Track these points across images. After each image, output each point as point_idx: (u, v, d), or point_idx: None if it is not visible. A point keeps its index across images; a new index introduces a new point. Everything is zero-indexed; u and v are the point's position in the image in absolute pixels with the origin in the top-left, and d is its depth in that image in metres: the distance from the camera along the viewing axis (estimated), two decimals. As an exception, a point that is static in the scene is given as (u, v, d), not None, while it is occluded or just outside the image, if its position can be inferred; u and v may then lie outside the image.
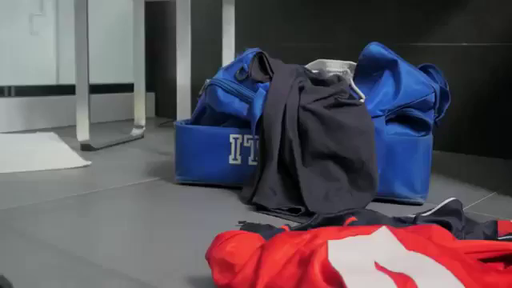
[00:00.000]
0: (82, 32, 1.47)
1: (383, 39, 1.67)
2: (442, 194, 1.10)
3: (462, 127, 1.58)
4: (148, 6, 2.26)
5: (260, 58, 1.09)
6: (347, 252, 0.55)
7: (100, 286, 0.64)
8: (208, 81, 1.11)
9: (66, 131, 1.87)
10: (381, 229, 0.60)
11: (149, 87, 2.32)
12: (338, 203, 0.93)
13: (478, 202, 1.05)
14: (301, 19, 1.85)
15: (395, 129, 1.03)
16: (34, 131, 1.86)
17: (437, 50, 1.61)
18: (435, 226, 0.65)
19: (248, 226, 0.78)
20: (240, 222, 0.87)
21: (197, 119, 1.16)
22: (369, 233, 0.60)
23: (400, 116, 1.03)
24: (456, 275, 0.52)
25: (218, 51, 1.93)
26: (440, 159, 1.51)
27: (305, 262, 0.55)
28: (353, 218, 0.70)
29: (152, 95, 2.34)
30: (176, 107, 2.18)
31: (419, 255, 0.56)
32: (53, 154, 1.41)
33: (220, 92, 1.08)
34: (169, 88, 2.28)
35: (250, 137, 1.06)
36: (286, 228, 0.72)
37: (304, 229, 0.75)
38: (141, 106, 1.80)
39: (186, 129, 1.11)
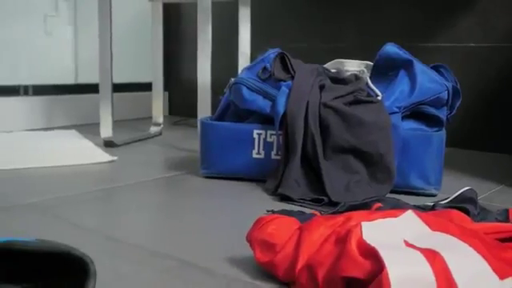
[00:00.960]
0: (105, 32, 1.54)
1: (393, 40, 1.73)
2: (454, 186, 1.16)
3: (469, 124, 1.65)
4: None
5: (282, 58, 1.15)
6: (379, 232, 0.62)
7: (148, 264, 0.70)
8: (233, 80, 1.17)
9: (85, 129, 1.93)
10: (407, 212, 0.67)
11: (164, 87, 2.39)
12: (358, 194, 0.99)
13: (487, 194, 1.12)
14: (312, 20, 1.91)
15: (410, 124, 1.09)
16: (54, 129, 1.92)
17: (445, 50, 1.67)
18: (454, 211, 0.72)
19: (282, 212, 0.85)
20: (268, 211, 0.93)
21: (220, 116, 1.22)
22: (396, 216, 0.66)
23: (415, 112, 1.10)
24: (477, 251, 0.58)
25: (230, 51, 2.00)
26: (448, 155, 1.58)
27: (341, 240, 0.62)
28: (379, 204, 0.77)
29: (165, 94, 2.41)
30: (189, 106, 2.25)
31: (443, 234, 0.62)
32: (79, 150, 1.47)
33: (245, 90, 1.14)
34: (181, 87, 2.34)
35: (273, 132, 1.13)
36: (317, 213, 0.78)
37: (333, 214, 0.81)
38: (159, 104, 1.86)
39: (212, 125, 1.17)
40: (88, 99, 2.10)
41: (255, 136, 1.14)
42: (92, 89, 2.11)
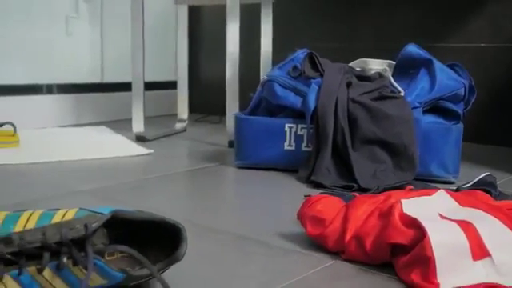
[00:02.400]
0: (138, 32, 1.63)
1: (406, 40, 1.83)
2: (470, 174, 1.26)
3: (480, 120, 1.74)
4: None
5: (311, 58, 1.25)
6: (416, 207, 0.71)
7: (207, 238, 0.80)
8: (265, 77, 1.27)
9: (112, 125, 2.03)
10: (439, 191, 0.77)
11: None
12: (384, 181, 1.09)
13: (499, 183, 1.22)
14: (328, 21, 2.01)
15: (430, 118, 1.19)
16: (83, 126, 2.02)
17: (456, 50, 1.77)
18: (479, 191, 0.82)
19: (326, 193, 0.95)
20: (305, 196, 1.03)
21: (253, 111, 1.32)
22: (430, 194, 0.76)
23: (434, 107, 1.20)
24: (502, 222, 0.68)
25: (252, 51, 2.09)
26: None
27: (384, 215, 0.72)
28: (410, 187, 0.87)
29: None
30: (208, 104, 2.35)
31: (472, 209, 0.72)
32: (116, 144, 1.57)
33: (277, 87, 1.24)
34: (200, 86, 2.44)
35: (303, 126, 1.22)
36: (357, 194, 0.88)
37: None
38: (184, 102, 1.96)
39: (246, 119, 1.27)
40: (113, 97, 2.19)
41: (286, 129, 1.24)
42: (117, 87, 2.22)
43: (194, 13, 2.43)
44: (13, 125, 1.59)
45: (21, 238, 0.54)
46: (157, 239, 0.64)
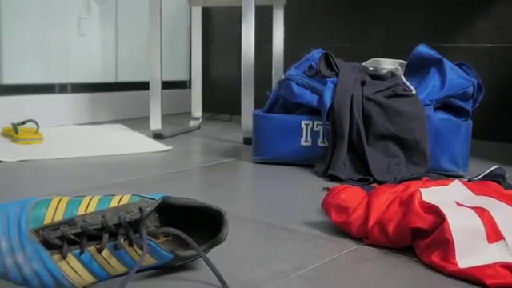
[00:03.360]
0: (155, 33, 1.69)
1: (414, 40, 1.88)
2: (479, 169, 1.32)
3: (486, 118, 1.80)
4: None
5: (326, 58, 1.31)
6: (434, 195, 0.77)
7: (240, 226, 0.86)
8: (283, 76, 1.33)
9: (127, 123, 2.09)
10: (454, 181, 0.83)
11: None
12: (398, 174, 1.15)
13: (508, 176, 1.27)
14: (338, 22, 2.07)
15: (441, 115, 1.25)
16: (100, 124, 2.07)
17: (462, 50, 1.83)
18: (490, 182, 0.88)
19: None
20: (324, 188, 1.09)
21: (270, 109, 1.38)
22: (446, 184, 0.82)
23: (445, 105, 1.26)
24: (514, 209, 0.74)
25: (263, 51, 2.15)
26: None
27: (404, 202, 0.77)
28: (426, 178, 0.92)
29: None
30: (217, 102, 2.41)
31: (485, 198, 0.78)
32: (136, 141, 1.63)
33: (294, 85, 1.30)
34: (211, 85, 2.50)
35: (319, 122, 1.28)
36: (376, 185, 0.94)
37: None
38: (198, 100, 2.02)
39: (264, 117, 1.33)
40: (128, 96, 2.25)
41: (303, 126, 1.30)
42: (131, 86, 2.28)
43: (204, 14, 2.49)
44: (35, 122, 1.65)
45: (83, 221, 0.60)
46: (197, 224, 0.70)
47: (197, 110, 2.03)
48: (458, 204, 0.76)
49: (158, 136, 1.74)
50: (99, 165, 1.31)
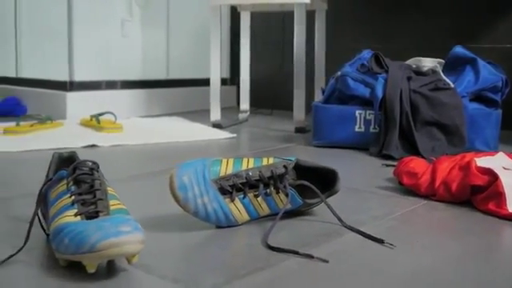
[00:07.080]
0: (215, 36, 1.93)
1: (439, 41, 2.12)
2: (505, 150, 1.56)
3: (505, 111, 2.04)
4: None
5: (376, 57, 1.55)
6: (485, 162, 1.01)
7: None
8: (339, 73, 1.57)
9: (182, 116, 2.32)
10: (499, 153, 1.07)
11: (232, 81, 2.78)
12: (441, 154, 1.39)
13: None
14: (368, 23, 2.31)
15: (475, 105, 1.49)
16: (158, 116, 2.31)
17: (485, 51, 2.07)
18: (525, 155, 1.12)
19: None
20: (383, 164, 1.33)
21: (326, 100, 1.62)
22: (493, 155, 1.06)
23: (478, 97, 1.49)
24: (548, 172, 0.98)
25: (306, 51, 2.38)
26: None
27: (463, 167, 1.01)
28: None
29: (234, 88, 2.80)
30: (254, 98, 2.64)
31: (525, 164, 1.02)
32: (201, 130, 1.87)
33: (349, 80, 1.54)
34: (251, 83, 2.73)
35: (371, 112, 1.52)
36: (434, 158, 1.18)
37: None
38: (246, 96, 2.26)
39: (323, 107, 1.57)
40: (178, 91, 2.49)
41: (357, 115, 1.54)
42: (181, 83, 2.52)
43: (235, 17, 2.72)
44: (113, 114, 1.89)
45: (247, 174, 0.84)
46: (311, 181, 0.94)
47: (245, 104, 2.27)
48: (505, 168, 1.00)
49: (217, 126, 1.98)
50: (177, 149, 1.55)
